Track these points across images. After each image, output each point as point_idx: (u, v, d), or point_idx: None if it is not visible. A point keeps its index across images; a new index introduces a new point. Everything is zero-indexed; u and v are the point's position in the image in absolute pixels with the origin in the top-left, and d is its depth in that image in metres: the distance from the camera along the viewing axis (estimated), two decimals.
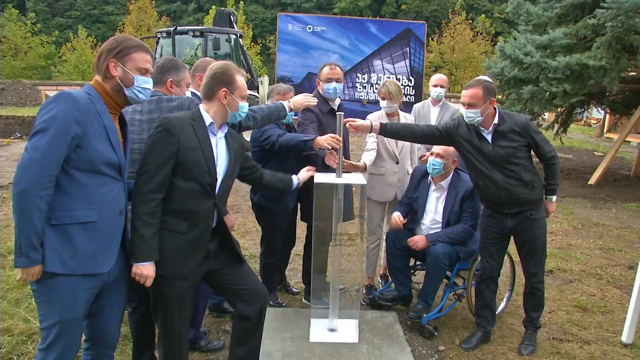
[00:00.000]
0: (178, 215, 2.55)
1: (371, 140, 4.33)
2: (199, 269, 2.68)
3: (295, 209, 4.32)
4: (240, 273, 2.84)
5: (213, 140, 2.65)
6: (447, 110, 5.26)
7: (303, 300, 4.48)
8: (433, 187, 4.11)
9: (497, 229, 3.70)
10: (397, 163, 4.39)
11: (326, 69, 4.11)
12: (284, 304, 4.34)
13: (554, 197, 3.75)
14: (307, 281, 4.45)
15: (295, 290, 4.64)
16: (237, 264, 2.84)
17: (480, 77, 3.71)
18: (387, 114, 4.39)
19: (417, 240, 3.95)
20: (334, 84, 4.07)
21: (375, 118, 4.32)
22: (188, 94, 3.23)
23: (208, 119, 2.64)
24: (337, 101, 4.22)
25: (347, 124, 3.73)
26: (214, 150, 2.64)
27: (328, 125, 4.03)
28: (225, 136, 2.76)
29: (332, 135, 3.54)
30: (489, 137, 3.56)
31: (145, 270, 2.45)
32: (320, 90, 4.15)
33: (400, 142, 4.39)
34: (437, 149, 3.99)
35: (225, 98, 2.66)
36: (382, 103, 4.35)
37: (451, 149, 3.96)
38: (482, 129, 3.57)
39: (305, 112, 4.00)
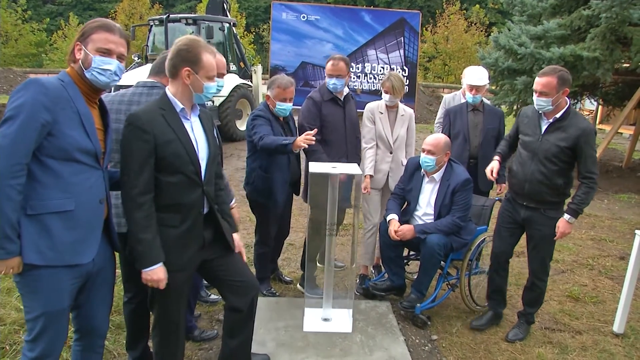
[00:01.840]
0: (168, 209, 2.48)
1: (370, 153, 4.44)
2: (196, 259, 2.64)
3: (289, 199, 4.33)
4: (232, 264, 2.80)
5: (187, 125, 2.52)
6: None
7: (297, 285, 4.50)
8: (426, 179, 4.10)
9: (511, 215, 3.77)
10: (391, 153, 4.43)
11: (329, 64, 4.21)
12: (277, 293, 4.34)
13: (572, 219, 3.51)
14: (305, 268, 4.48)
15: (288, 279, 4.65)
16: (229, 255, 2.80)
17: (556, 65, 3.57)
18: (387, 106, 4.46)
19: (405, 231, 3.92)
20: (333, 80, 4.18)
21: (374, 107, 4.47)
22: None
23: (178, 105, 2.49)
24: (345, 90, 4.36)
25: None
26: (191, 136, 2.52)
27: (328, 112, 4.21)
28: (199, 116, 2.63)
29: (307, 132, 3.55)
30: (544, 127, 3.54)
31: (155, 275, 2.41)
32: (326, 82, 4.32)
33: (396, 134, 4.45)
34: (427, 145, 3.95)
35: (189, 78, 2.46)
36: (385, 97, 4.40)
37: (442, 143, 3.94)
38: (543, 117, 3.55)
39: (306, 100, 4.25)
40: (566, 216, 3.51)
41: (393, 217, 4.04)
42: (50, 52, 31.43)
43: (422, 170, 4.10)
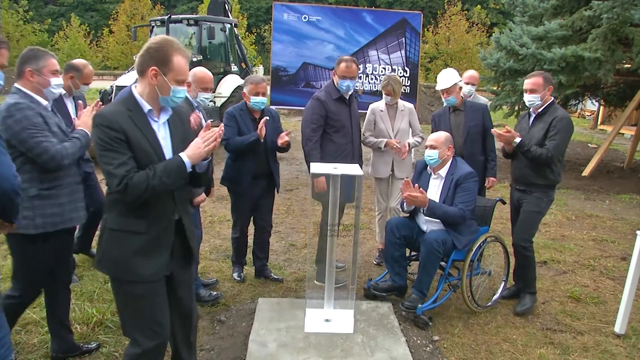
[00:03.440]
0: (134, 213, 2.35)
1: (371, 137, 4.97)
2: (167, 268, 2.49)
3: (264, 192, 4.50)
4: (185, 286, 2.67)
5: (155, 126, 2.39)
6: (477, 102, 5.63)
7: (315, 282, 4.57)
8: (433, 176, 4.22)
9: (512, 199, 4.40)
10: (387, 145, 4.90)
11: (342, 66, 4.37)
12: (244, 278, 4.63)
13: (516, 143, 4.00)
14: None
15: (276, 277, 4.72)
16: (186, 273, 2.67)
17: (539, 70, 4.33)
18: (387, 104, 4.97)
19: (420, 197, 3.87)
20: (347, 82, 4.39)
21: (376, 107, 5.02)
22: (58, 81, 3.06)
23: (146, 106, 2.35)
24: (350, 90, 4.55)
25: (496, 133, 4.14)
26: (159, 138, 2.39)
27: (335, 111, 4.41)
28: (168, 120, 2.46)
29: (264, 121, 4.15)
30: (531, 121, 4.20)
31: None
32: (334, 81, 4.46)
33: (396, 127, 4.95)
34: (429, 141, 4.14)
35: (155, 78, 2.31)
36: (386, 98, 4.92)
37: (442, 137, 4.12)
38: (532, 114, 4.21)
39: (312, 101, 4.42)
40: (517, 139, 4.01)
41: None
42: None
43: (429, 168, 4.22)
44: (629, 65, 9.72)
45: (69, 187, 3.06)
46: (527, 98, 4.11)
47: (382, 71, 12.06)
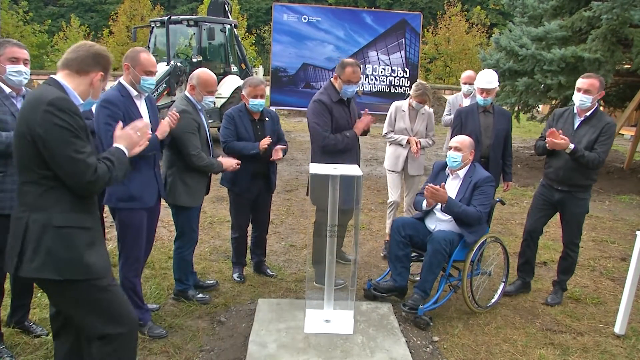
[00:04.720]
0: (85, 208, 2.35)
1: (391, 133, 5.34)
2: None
3: (261, 192, 4.55)
4: None
5: None
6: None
7: (314, 283, 4.51)
8: (451, 176, 4.31)
9: (546, 198, 4.44)
10: (409, 143, 5.22)
11: (349, 71, 4.26)
12: (244, 280, 4.62)
13: (570, 148, 4.04)
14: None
15: (270, 272, 4.81)
16: None
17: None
18: (411, 106, 5.26)
19: (442, 193, 3.99)
20: (352, 87, 4.35)
21: (399, 106, 5.37)
22: (15, 68, 3.13)
23: (80, 100, 2.38)
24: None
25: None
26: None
27: (338, 115, 4.36)
28: None
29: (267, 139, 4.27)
30: (577, 123, 4.25)
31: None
32: (336, 85, 4.37)
33: (416, 128, 5.29)
34: (454, 142, 4.25)
35: (98, 82, 2.41)
36: (419, 105, 5.21)
37: (467, 142, 4.23)
38: (577, 116, 4.27)
39: (315, 103, 4.31)
40: (571, 145, 4.06)
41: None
42: (51, 53, 31.34)
43: (447, 170, 4.33)
44: (629, 66, 9.72)
45: (12, 177, 3.02)
46: (580, 97, 4.14)
47: (381, 72, 12.06)
